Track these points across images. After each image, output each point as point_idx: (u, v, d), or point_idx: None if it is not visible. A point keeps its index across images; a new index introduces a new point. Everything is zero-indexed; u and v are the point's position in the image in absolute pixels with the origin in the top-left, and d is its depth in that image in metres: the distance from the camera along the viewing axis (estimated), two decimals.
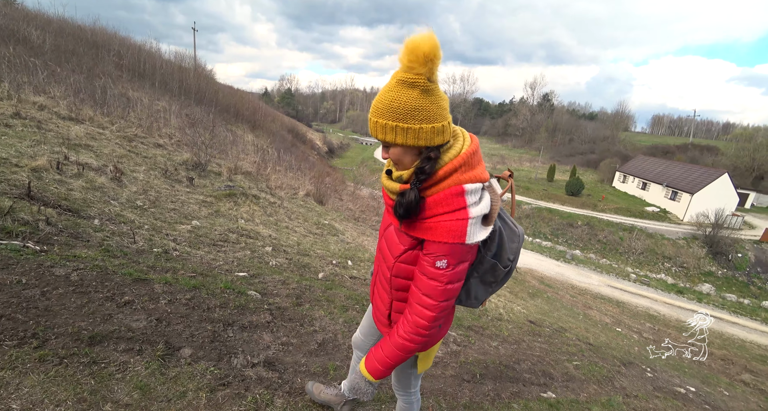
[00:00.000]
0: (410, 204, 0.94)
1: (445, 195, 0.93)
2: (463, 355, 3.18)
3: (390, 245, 1.10)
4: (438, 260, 0.95)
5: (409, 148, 0.93)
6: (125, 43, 20.92)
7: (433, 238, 0.94)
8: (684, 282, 20.88)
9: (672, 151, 45.16)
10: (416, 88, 0.86)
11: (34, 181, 3.03)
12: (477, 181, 0.95)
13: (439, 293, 0.98)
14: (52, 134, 4.98)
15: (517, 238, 1.12)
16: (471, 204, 0.93)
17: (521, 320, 6.15)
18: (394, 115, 0.88)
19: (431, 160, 0.93)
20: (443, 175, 0.93)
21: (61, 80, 9.15)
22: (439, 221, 0.93)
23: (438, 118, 0.90)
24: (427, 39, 0.81)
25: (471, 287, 1.12)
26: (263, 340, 2.04)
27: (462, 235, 0.92)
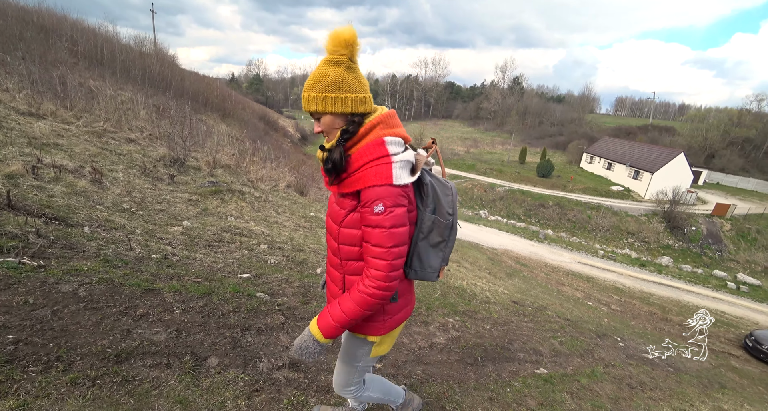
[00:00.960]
0: (335, 159, 1.06)
1: (368, 146, 1.05)
2: (463, 340, 3.35)
3: (334, 216, 1.16)
4: (375, 205, 1.01)
5: (337, 115, 1.06)
6: (78, 26, 19.35)
7: (364, 184, 1.02)
8: (646, 256, 22.34)
9: (634, 132, 47.43)
10: (341, 65, 1.01)
11: (11, 188, 2.85)
12: (397, 135, 1.08)
13: (386, 238, 1.02)
14: (16, 133, 4.62)
15: (449, 191, 1.19)
16: (393, 152, 1.04)
17: (506, 302, 6.47)
18: (323, 87, 1.01)
19: (355, 122, 1.07)
20: (364, 131, 1.06)
21: (13, 70, 8.42)
22: (366, 169, 1.03)
23: (360, 90, 1.05)
24: (347, 29, 1.00)
25: (421, 252, 1.16)
26: (281, 341, 2.08)
27: (389, 176, 1.01)
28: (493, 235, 21.60)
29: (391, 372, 2.26)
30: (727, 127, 42.24)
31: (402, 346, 2.78)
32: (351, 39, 1.00)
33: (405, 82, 71.69)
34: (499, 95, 63.39)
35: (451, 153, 39.60)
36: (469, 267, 11.30)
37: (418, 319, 3.43)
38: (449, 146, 43.02)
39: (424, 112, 71.36)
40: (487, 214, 25.14)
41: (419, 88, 70.69)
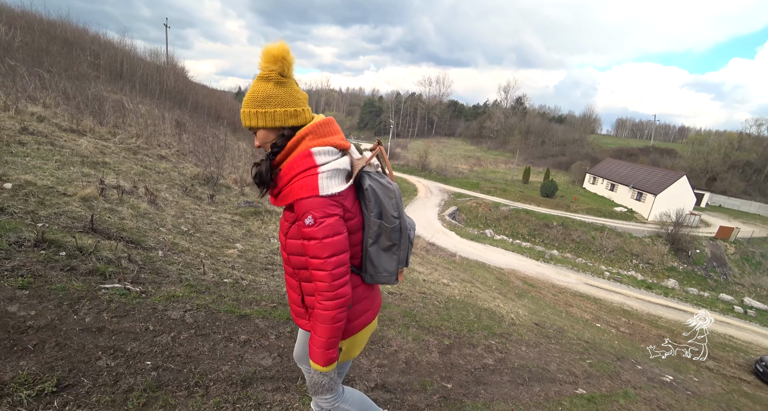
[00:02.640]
0: (261, 172, 1.09)
1: (295, 159, 1.06)
2: (509, 361, 3.50)
3: (281, 226, 1.18)
4: (305, 218, 1.02)
5: (269, 130, 1.09)
6: (98, 40, 19.91)
7: (293, 197, 1.04)
8: (652, 278, 22.35)
9: (636, 153, 48.08)
10: (270, 81, 1.05)
11: (87, 211, 3.03)
12: (327, 145, 1.08)
13: (320, 249, 1.02)
14: (68, 152, 4.83)
15: (392, 193, 1.17)
16: (321, 163, 1.05)
17: (529, 323, 6.59)
18: (255, 102, 1.05)
19: (284, 136, 1.09)
20: (292, 145, 1.08)
21: (49, 85, 8.72)
22: (294, 182, 1.05)
23: (290, 104, 1.07)
24: (276, 45, 1.03)
25: (373, 257, 1.15)
26: (363, 364, 2.22)
27: (314, 187, 1.02)
28: (500, 254, 21.67)
29: (461, 392, 2.39)
30: (727, 151, 42.86)
31: (460, 366, 2.93)
32: (280, 54, 1.02)
33: (409, 99, 73.00)
34: (501, 115, 64.47)
35: (455, 171, 39.98)
36: (481, 287, 11.38)
37: (464, 342, 3.58)
38: (453, 164, 43.46)
39: (428, 130, 72.39)
40: (493, 234, 25.26)
41: (423, 106, 71.94)
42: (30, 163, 3.80)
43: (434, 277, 7.42)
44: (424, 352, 2.88)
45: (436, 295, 5.39)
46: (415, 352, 2.78)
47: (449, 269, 12.84)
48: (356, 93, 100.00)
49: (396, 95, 76.19)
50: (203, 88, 28.65)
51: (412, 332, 3.17)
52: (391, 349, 2.68)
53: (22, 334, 1.49)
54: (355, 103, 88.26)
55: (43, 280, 1.87)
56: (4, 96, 6.29)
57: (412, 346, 2.89)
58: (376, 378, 2.17)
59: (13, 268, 1.87)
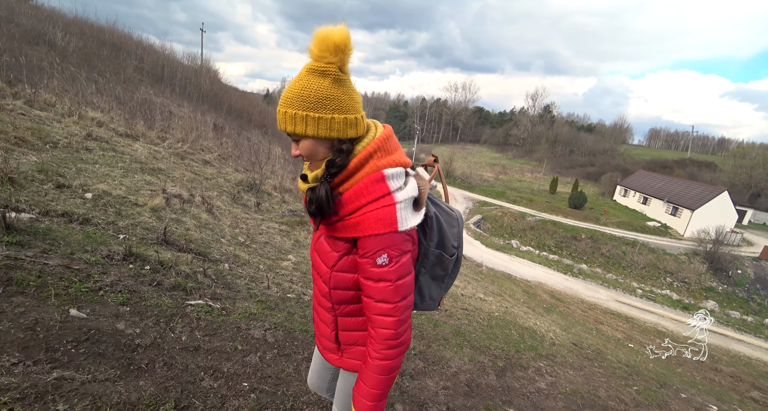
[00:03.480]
0: (321, 199, 0.87)
1: (365, 184, 0.86)
2: (560, 385, 3.44)
3: (323, 256, 0.99)
4: (378, 257, 0.86)
5: (320, 140, 0.86)
6: (141, 45, 20.87)
7: (364, 232, 0.85)
8: (687, 298, 21.29)
9: (670, 166, 46.10)
10: (328, 76, 0.81)
11: (157, 221, 3.16)
12: (397, 165, 0.90)
13: (392, 293, 0.88)
14: (128, 158, 5.08)
15: (455, 222, 1.06)
16: (395, 189, 0.87)
17: (567, 343, 6.42)
18: (305, 103, 0.82)
19: (343, 152, 0.87)
20: (358, 164, 0.87)
21: (104, 90, 9.22)
22: (365, 213, 0.85)
23: (351, 110, 0.85)
24: (338, 30, 0.79)
25: (423, 286, 1.04)
26: (429, 386, 2.22)
27: (393, 221, 0.85)
28: (526, 266, 21.19)
29: None
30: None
31: (516, 390, 2.90)
32: (342, 42, 0.79)
33: (434, 105, 72.85)
34: (528, 122, 63.34)
35: (480, 179, 39.51)
36: (511, 300, 11.15)
37: (515, 363, 3.54)
38: (478, 172, 42.97)
39: (452, 136, 71.96)
40: (519, 245, 24.74)
41: (448, 111, 71.61)
42: (99, 170, 4.02)
43: (470, 290, 7.33)
44: (482, 374, 2.87)
45: (477, 311, 5.32)
46: (474, 374, 2.79)
47: (478, 281, 12.65)
48: (381, 97, 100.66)
49: (421, 101, 76.22)
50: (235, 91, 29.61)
51: (466, 353, 3.17)
52: (451, 370, 2.68)
53: (133, 352, 1.56)
54: (380, 107, 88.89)
55: (138, 296, 1.96)
56: (69, 102, 6.70)
57: (470, 367, 2.89)
58: (444, 401, 2.18)
59: (112, 283, 1.96)
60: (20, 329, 1.43)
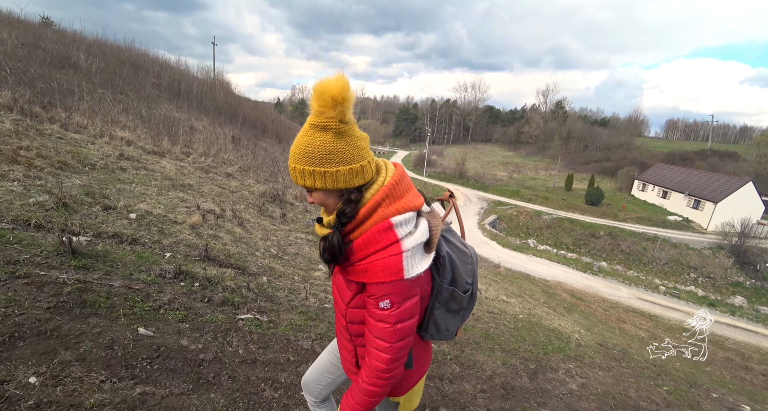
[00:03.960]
0: (333, 248, 0.92)
1: (373, 233, 0.89)
2: (590, 386, 3.48)
3: (340, 291, 1.05)
4: (380, 301, 0.90)
5: (329, 191, 0.91)
6: (158, 62, 21.51)
7: (370, 279, 0.90)
8: (713, 293, 20.68)
9: (690, 157, 44.86)
10: (329, 131, 0.85)
11: (197, 238, 3.33)
12: (406, 210, 0.92)
13: (389, 334, 0.92)
14: (159, 175, 5.32)
15: (469, 259, 1.07)
16: (403, 236, 0.90)
17: (593, 344, 6.39)
18: (310, 159, 0.86)
19: (352, 202, 0.91)
20: (366, 213, 0.90)
21: (129, 109, 9.61)
22: (372, 261, 0.89)
23: (355, 159, 0.88)
24: (334, 82, 0.81)
25: (438, 319, 1.07)
26: (466, 390, 2.31)
27: (398, 271, 0.88)
28: (544, 265, 20.94)
29: None
30: None
31: (548, 391, 2.97)
32: (339, 96, 0.82)
33: (444, 106, 72.71)
34: (540, 119, 62.58)
35: (493, 179, 39.21)
36: (532, 301, 11.08)
37: (545, 365, 3.59)
38: (491, 171, 42.66)
39: (463, 136, 71.64)
40: (536, 244, 24.46)
41: (458, 112, 71.36)
42: (136, 189, 4.24)
43: (492, 293, 7.35)
44: (515, 377, 2.95)
45: (502, 313, 5.36)
46: (507, 377, 2.88)
47: (497, 282, 12.61)
48: (390, 101, 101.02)
49: (431, 102, 76.15)
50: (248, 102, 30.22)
51: (498, 356, 3.25)
52: (486, 373, 2.77)
53: (199, 366, 1.70)
54: (389, 111, 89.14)
55: (193, 312, 2.10)
56: (99, 123, 7.03)
57: (504, 370, 2.97)
58: (483, 404, 2.28)
59: (169, 301, 2.12)
60: (101, 348, 1.58)
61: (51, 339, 1.51)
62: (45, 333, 1.52)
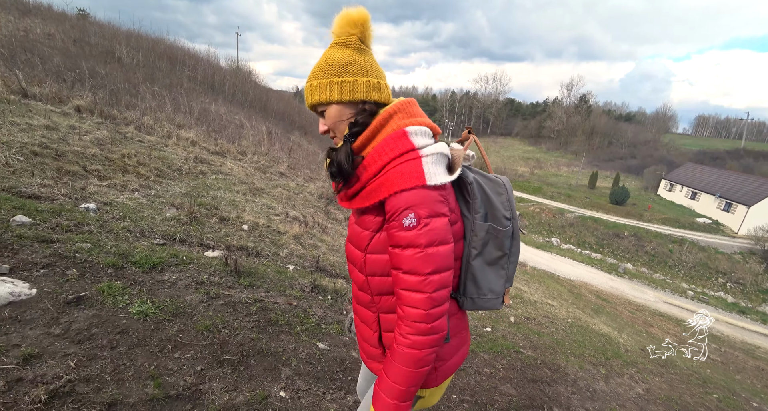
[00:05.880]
0: (341, 159, 0.85)
1: (386, 141, 0.82)
2: (654, 391, 3.82)
3: (355, 240, 0.92)
4: (404, 217, 0.76)
5: (345, 105, 0.86)
6: (191, 54, 21.88)
7: (389, 190, 0.78)
8: (743, 300, 20.34)
9: (722, 156, 43.43)
10: (349, 46, 0.85)
11: (301, 248, 3.64)
12: (421, 125, 0.85)
13: (422, 261, 0.76)
14: (233, 179, 5.68)
15: (502, 188, 0.95)
16: (420, 145, 0.82)
17: (636, 349, 6.61)
18: (328, 71, 0.85)
19: (366, 111, 0.85)
20: (378, 123, 0.84)
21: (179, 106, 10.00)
22: (388, 170, 0.80)
23: (374, 74, 0.86)
24: (355, 9, 0.85)
25: (477, 274, 0.90)
26: (561, 392, 2.59)
27: (420, 174, 0.77)
28: (568, 265, 20.92)
29: None
30: None
31: (622, 395, 3.28)
32: (360, 18, 0.84)
33: (464, 98, 71.74)
34: (563, 113, 61.21)
35: (515, 174, 38.85)
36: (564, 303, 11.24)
37: (612, 370, 3.96)
38: (512, 166, 42.22)
39: (483, 129, 70.75)
40: (559, 242, 24.36)
41: (478, 104, 70.35)
42: (226, 196, 4.58)
43: (536, 295, 7.56)
44: (594, 381, 3.24)
45: (555, 318, 5.61)
46: (588, 381, 3.20)
47: (528, 282, 12.77)
48: (408, 91, 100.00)
49: (450, 94, 75.22)
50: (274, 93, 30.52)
51: (572, 360, 3.58)
52: (570, 377, 3.10)
53: None
54: None
55: (341, 326, 2.40)
56: (167, 124, 7.41)
57: (583, 374, 3.27)
58: (579, 404, 2.58)
59: (322, 316, 2.43)
60: (304, 363, 1.90)
61: (268, 356, 1.82)
62: (262, 351, 1.84)
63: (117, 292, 1.85)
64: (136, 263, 2.18)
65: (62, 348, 1.43)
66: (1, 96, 5.24)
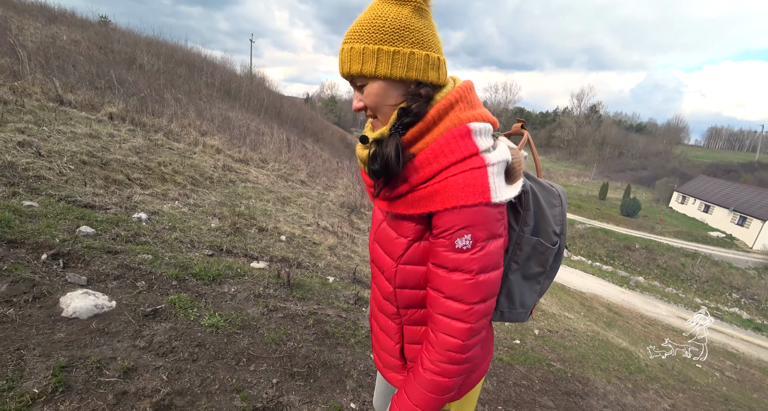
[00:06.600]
0: (388, 155, 0.68)
1: (446, 140, 0.67)
2: (679, 407, 3.82)
3: (387, 245, 0.79)
4: (458, 237, 0.66)
5: (394, 83, 0.69)
6: (208, 61, 22.31)
7: (444, 204, 0.66)
8: (758, 317, 19.97)
9: (735, 169, 42.91)
10: (407, 4, 0.66)
11: (336, 259, 3.72)
12: (485, 120, 0.71)
13: (470, 290, 0.67)
14: (261, 187, 5.80)
15: (557, 199, 0.83)
16: (484, 149, 0.68)
17: (655, 364, 6.61)
18: (378, 34, 0.66)
19: (422, 97, 0.68)
20: (436, 115, 0.68)
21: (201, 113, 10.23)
22: (446, 177, 0.66)
23: (434, 47, 0.69)
24: None
25: (513, 287, 0.80)
26: (593, 405, 2.63)
27: (485, 189, 0.65)
28: (579, 277, 20.74)
29: None
30: None
31: (646, 410, 3.25)
32: None
33: None
34: (573, 123, 61.09)
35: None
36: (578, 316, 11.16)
37: (637, 385, 3.98)
38: None
39: None
40: (570, 254, 24.17)
41: None
42: (257, 205, 4.69)
43: (553, 308, 7.55)
44: (622, 395, 3.31)
45: (576, 332, 5.61)
46: (617, 395, 3.27)
47: None
48: None
49: None
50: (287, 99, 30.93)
51: (599, 374, 3.64)
52: (599, 391, 3.16)
53: None
54: None
55: None
56: (194, 131, 7.60)
57: (611, 388, 3.33)
58: None
59: (368, 328, 2.48)
60: (363, 375, 1.97)
61: (332, 368, 1.89)
62: (326, 363, 1.91)
63: (186, 304, 1.94)
64: (196, 275, 2.27)
65: (150, 361, 1.51)
66: (41, 103, 5.45)
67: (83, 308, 1.68)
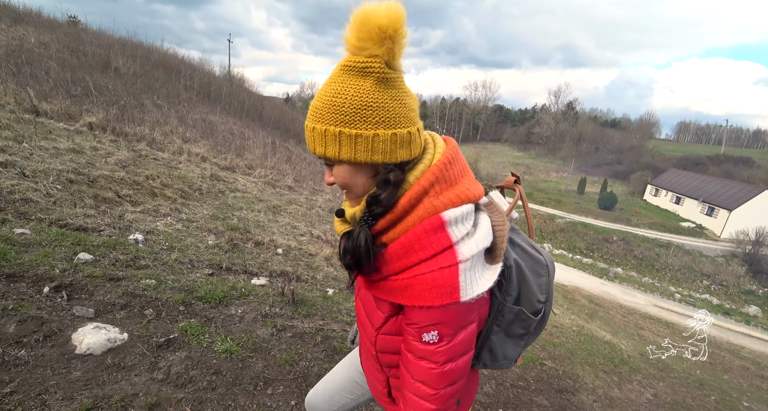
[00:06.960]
0: (359, 249, 0.66)
1: (416, 234, 0.65)
2: (661, 396, 4.01)
3: (369, 312, 0.82)
4: (425, 333, 0.67)
5: (360, 166, 0.66)
6: (185, 63, 21.71)
7: (411, 301, 0.66)
8: (727, 302, 21.10)
9: (704, 162, 45.03)
10: (369, 76, 0.61)
11: (332, 269, 3.78)
12: (462, 202, 0.67)
13: (435, 378, 0.69)
14: (250, 196, 5.77)
15: (544, 269, 0.80)
16: (459, 239, 0.65)
17: (636, 354, 6.93)
18: (337, 115, 0.61)
19: (390, 184, 0.65)
20: (408, 204, 0.65)
21: (183, 118, 10.02)
22: (415, 275, 0.65)
23: (401, 122, 0.64)
24: (385, 9, 0.57)
25: (495, 346, 0.81)
26: (584, 401, 2.81)
27: (453, 290, 0.63)
28: (560, 270, 21.37)
29: None
30: None
31: (634, 401, 3.53)
32: (391, 26, 0.57)
33: (454, 104, 72.72)
34: (551, 120, 62.60)
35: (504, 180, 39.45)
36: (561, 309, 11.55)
37: (622, 377, 4.18)
38: (502, 173, 42.94)
39: (473, 136, 71.76)
40: (551, 248, 24.85)
41: (468, 110, 71.37)
42: (249, 216, 4.68)
43: None
44: (609, 388, 3.52)
45: (563, 327, 5.85)
46: (605, 389, 3.43)
47: None
48: None
49: (441, 100, 76.14)
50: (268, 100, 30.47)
51: (587, 369, 3.81)
52: (588, 386, 3.31)
53: None
54: None
55: None
56: (178, 140, 7.46)
57: (599, 382, 3.53)
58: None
59: None
60: None
61: None
62: None
63: (197, 331, 1.97)
64: (202, 299, 2.29)
65: (171, 393, 1.54)
66: (17, 115, 5.25)
67: (96, 343, 1.68)
